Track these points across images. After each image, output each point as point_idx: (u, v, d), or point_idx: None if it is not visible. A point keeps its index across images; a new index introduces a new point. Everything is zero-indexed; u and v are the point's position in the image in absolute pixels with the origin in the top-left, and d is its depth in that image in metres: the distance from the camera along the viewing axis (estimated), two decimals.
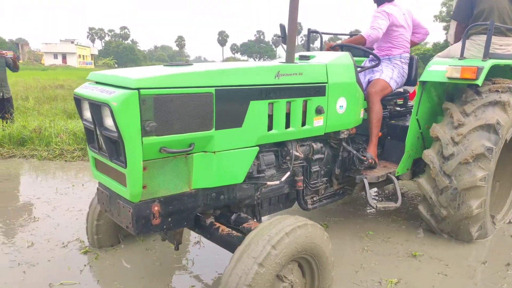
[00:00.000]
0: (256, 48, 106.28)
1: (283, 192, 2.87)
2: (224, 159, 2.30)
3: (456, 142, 3.07)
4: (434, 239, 3.32)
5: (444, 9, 37.38)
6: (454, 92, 3.50)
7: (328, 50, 3.41)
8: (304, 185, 2.95)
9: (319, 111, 2.75)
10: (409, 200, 4.34)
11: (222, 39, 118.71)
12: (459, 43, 3.51)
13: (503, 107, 3.09)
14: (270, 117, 2.51)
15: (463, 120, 3.10)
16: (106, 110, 2.00)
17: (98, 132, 2.13)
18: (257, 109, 2.40)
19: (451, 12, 3.87)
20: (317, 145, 2.95)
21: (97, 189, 2.43)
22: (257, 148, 2.47)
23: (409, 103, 4.19)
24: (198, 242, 3.21)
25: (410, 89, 4.17)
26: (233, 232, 2.37)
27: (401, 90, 3.97)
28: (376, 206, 3.15)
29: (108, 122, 2.03)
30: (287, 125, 2.61)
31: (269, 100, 2.46)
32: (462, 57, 3.24)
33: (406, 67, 3.70)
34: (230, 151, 2.32)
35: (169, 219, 2.25)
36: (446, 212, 3.15)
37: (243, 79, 2.32)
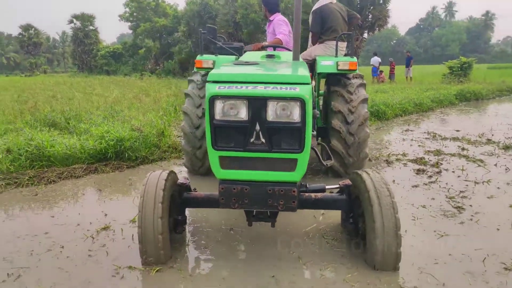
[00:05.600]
0: None
1: None
2: None
3: (353, 112, 4.62)
4: None
5: (128, 9, 41.68)
6: (328, 80, 5.05)
7: (259, 49, 4.26)
8: None
9: None
10: None
11: None
12: (317, 46, 5.13)
13: (364, 87, 4.87)
14: None
15: (352, 97, 4.67)
16: (277, 105, 2.24)
17: (258, 128, 2.26)
18: None
19: None
20: None
21: (222, 188, 2.42)
22: None
23: None
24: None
25: None
26: (325, 194, 2.96)
27: None
28: (327, 164, 4.29)
29: (279, 114, 2.25)
30: None
31: None
32: (336, 55, 4.78)
33: None
34: None
35: None
36: (352, 160, 4.68)
37: None
